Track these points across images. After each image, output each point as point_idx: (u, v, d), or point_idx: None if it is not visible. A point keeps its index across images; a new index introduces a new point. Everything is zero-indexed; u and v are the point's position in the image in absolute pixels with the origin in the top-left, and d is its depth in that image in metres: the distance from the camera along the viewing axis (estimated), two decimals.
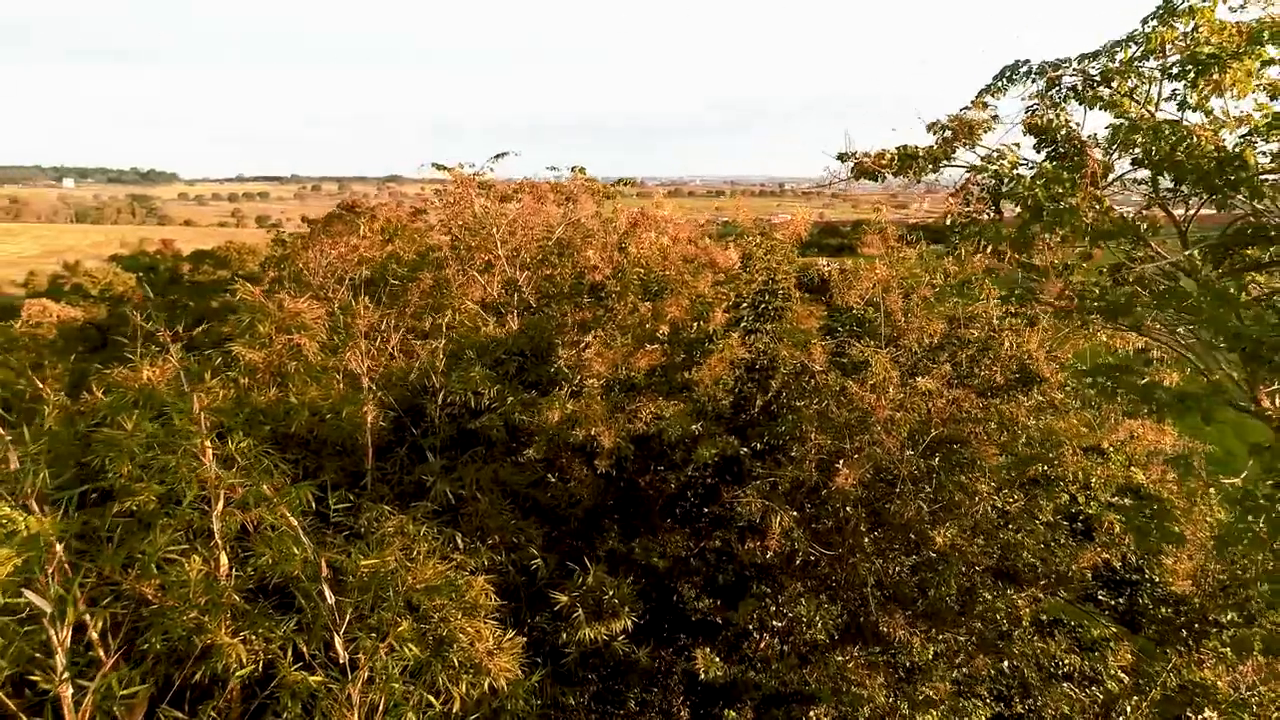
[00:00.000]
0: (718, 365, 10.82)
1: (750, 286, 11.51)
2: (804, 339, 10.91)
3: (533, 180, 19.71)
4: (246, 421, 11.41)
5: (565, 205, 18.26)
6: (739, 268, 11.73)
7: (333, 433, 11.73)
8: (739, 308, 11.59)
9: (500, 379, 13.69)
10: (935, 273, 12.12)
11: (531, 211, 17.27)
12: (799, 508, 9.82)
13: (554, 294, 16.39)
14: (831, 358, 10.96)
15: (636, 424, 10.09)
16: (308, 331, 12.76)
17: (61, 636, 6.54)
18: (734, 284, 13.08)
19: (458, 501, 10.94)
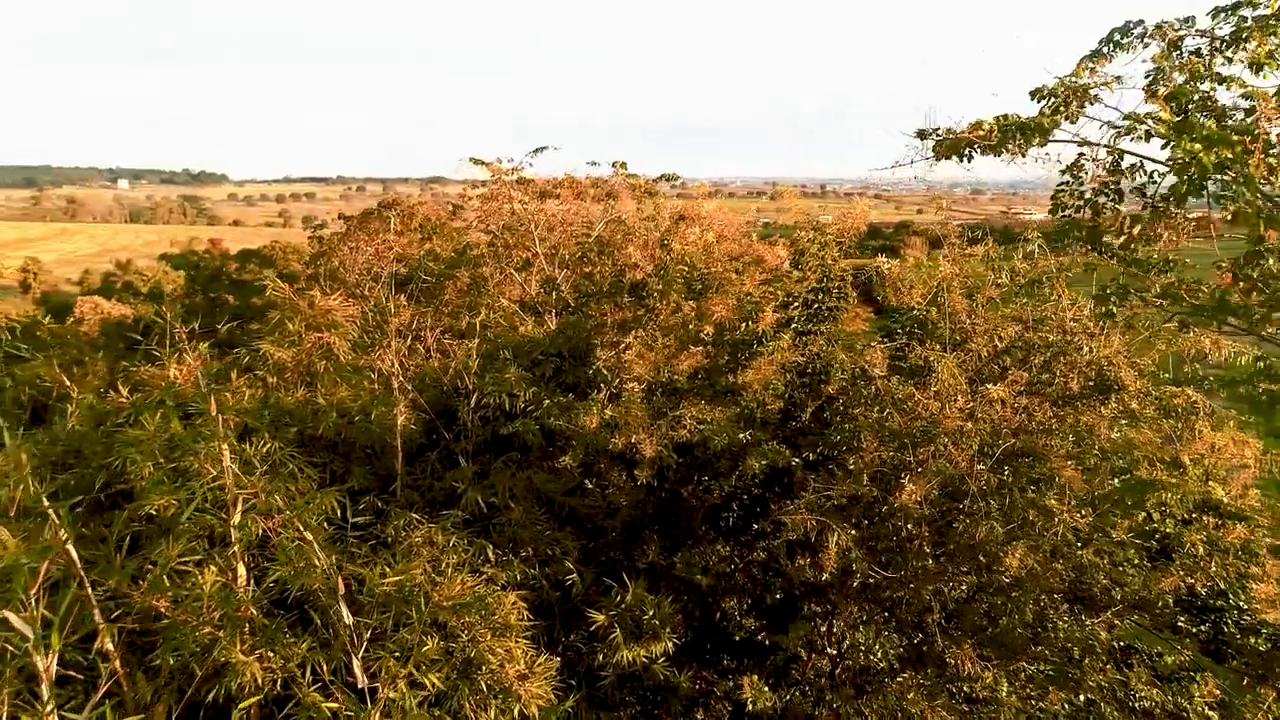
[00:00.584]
0: (767, 369, 10.12)
1: (802, 285, 10.77)
2: (862, 341, 10.16)
3: (573, 176, 19.15)
4: (273, 423, 10.97)
5: (605, 201, 17.65)
6: (789, 265, 11.00)
7: (362, 435, 11.25)
8: (789, 307, 10.86)
9: (536, 381, 13.12)
10: (1001, 271, 11.23)
11: (571, 208, 16.70)
12: (855, 524, 9.06)
13: (593, 293, 15.80)
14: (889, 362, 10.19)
15: (680, 431, 9.42)
16: (338, 330, 12.31)
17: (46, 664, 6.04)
18: (782, 283, 12.34)
19: (489, 510, 10.37)
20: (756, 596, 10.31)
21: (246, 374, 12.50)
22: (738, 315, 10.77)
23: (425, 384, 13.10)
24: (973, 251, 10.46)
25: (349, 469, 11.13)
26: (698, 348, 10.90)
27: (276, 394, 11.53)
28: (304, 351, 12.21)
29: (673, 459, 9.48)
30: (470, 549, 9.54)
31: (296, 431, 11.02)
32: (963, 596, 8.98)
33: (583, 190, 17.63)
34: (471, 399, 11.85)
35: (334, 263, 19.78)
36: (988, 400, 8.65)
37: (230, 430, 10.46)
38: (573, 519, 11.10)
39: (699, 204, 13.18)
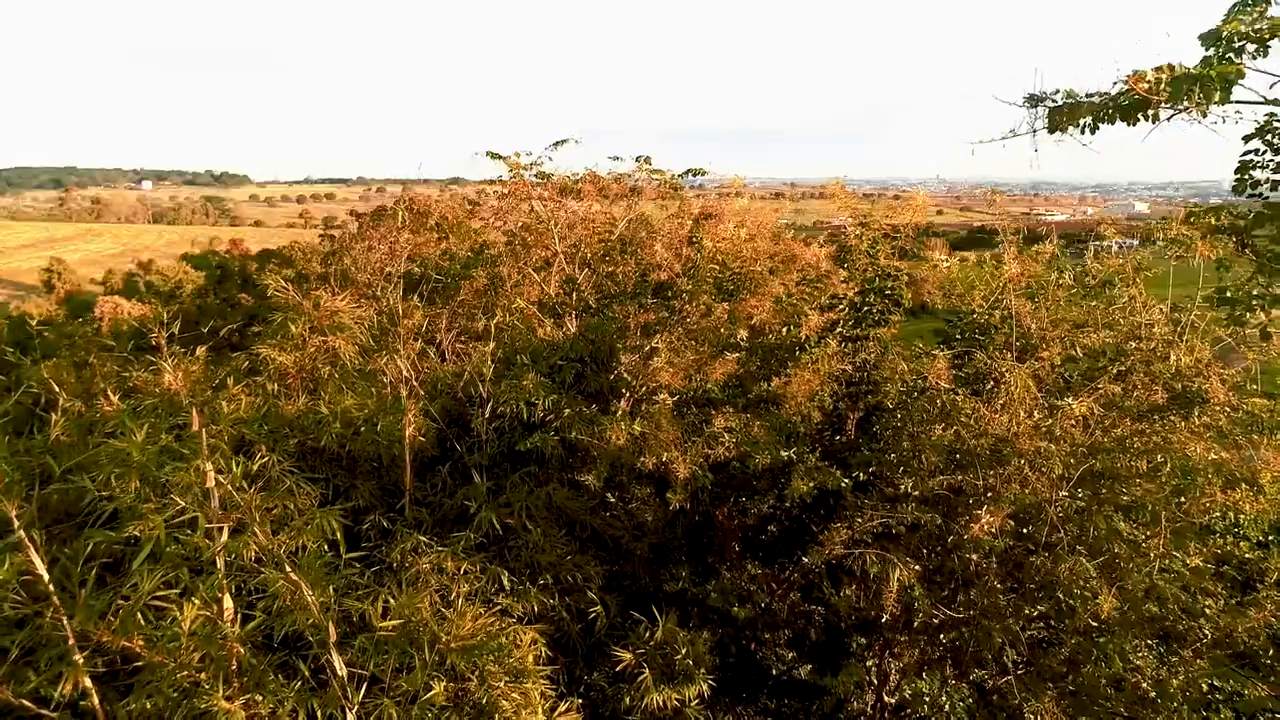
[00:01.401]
0: (812, 378, 9.15)
1: (849, 286, 9.78)
2: (916, 348, 9.17)
3: (594, 172, 18.22)
4: (271, 434, 10.14)
5: (629, 198, 16.71)
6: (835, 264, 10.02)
7: (368, 447, 10.38)
8: (834, 309, 9.87)
9: (556, 388, 12.22)
10: (1065, 271, 10.18)
11: (593, 205, 15.78)
12: (915, 554, 8.08)
13: (617, 293, 14.89)
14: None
15: (717, 449, 8.47)
16: (345, 333, 11.46)
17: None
18: (822, 283, 11.36)
19: (505, 531, 9.46)
20: (799, 630, 9.35)
21: (249, 379, 11.70)
22: (780, 319, 9.80)
23: (437, 390, 12.24)
24: (1041, 250, 9.43)
25: (353, 484, 10.29)
26: (732, 354, 9.95)
27: (277, 402, 10.69)
28: (307, 356, 11.38)
29: (708, 479, 8.53)
30: (483, 576, 8.64)
31: (297, 443, 10.18)
32: (1038, 639, 7.97)
33: (606, 186, 16.69)
34: (486, 408, 10.96)
35: (346, 262, 18.95)
36: (1068, 417, 7.63)
37: (225, 442, 9.64)
38: (595, 540, 10.18)
39: (731, 200, 12.23)
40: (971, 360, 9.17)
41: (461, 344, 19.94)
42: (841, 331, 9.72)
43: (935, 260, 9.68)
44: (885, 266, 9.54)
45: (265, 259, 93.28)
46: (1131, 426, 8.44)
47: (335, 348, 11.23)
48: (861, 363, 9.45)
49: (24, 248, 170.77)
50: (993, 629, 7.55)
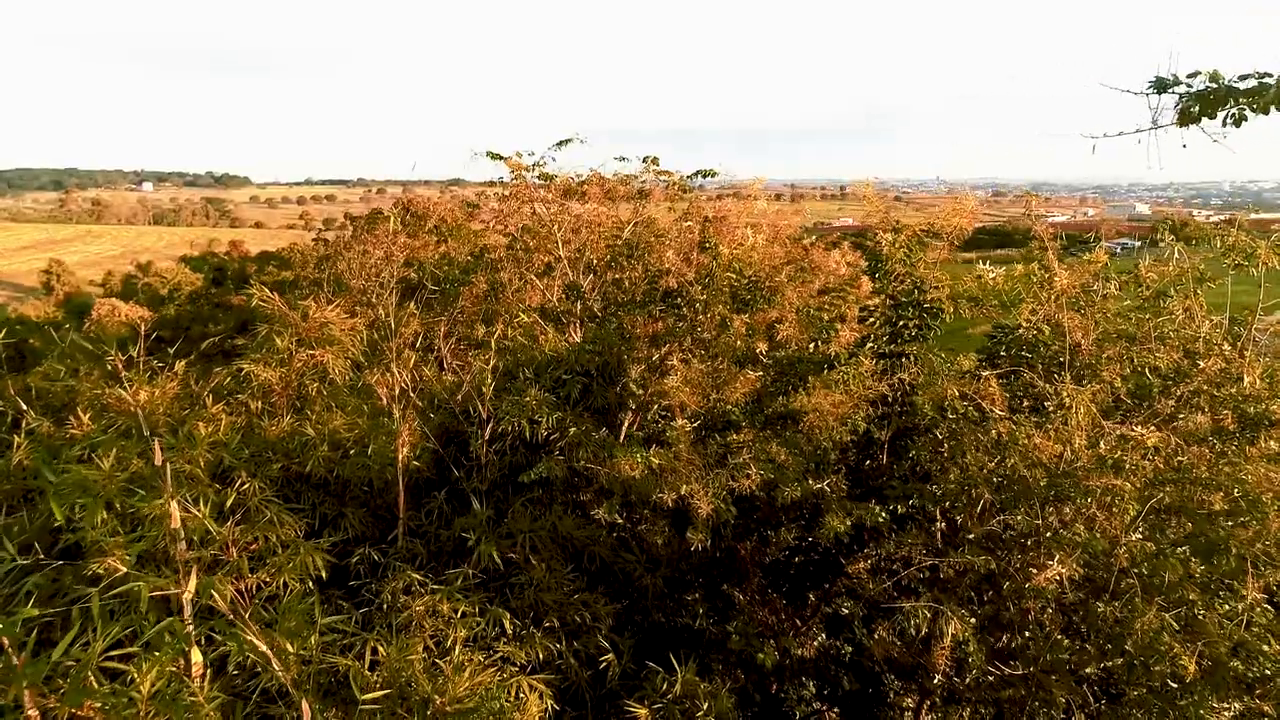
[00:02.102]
0: (844, 399, 8.34)
1: (881, 298, 8.96)
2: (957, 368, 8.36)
3: (599, 173, 17.42)
4: (253, 458, 9.35)
5: (636, 201, 15.92)
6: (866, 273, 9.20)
7: (358, 471, 9.59)
8: (866, 323, 9.05)
9: (560, 403, 11.43)
10: (1110, 279, 9.35)
11: (599, 207, 14.99)
12: (964, 600, 7.27)
13: (624, 301, 14.09)
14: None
15: (742, 482, 7.65)
16: (335, 346, 10.65)
17: None
18: (845, 292, 10.55)
19: (506, 566, 8.66)
20: (830, 675, 8.55)
21: (231, 396, 10.90)
22: (804, 333, 8.99)
23: (433, 406, 11.44)
24: (1095, 259, 8.60)
25: (342, 512, 9.48)
26: (753, 371, 9.15)
27: (260, 422, 9.89)
28: (294, 371, 10.58)
29: (731, 513, 7.74)
30: (483, 619, 7.84)
31: (281, 468, 9.38)
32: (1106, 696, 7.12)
33: (612, 189, 15.90)
34: (486, 429, 10.16)
35: (340, 267, 18.17)
36: (1139, 447, 6.81)
37: (201, 469, 8.84)
38: (604, 573, 9.37)
39: (749, 203, 11.42)
40: (1017, 379, 8.36)
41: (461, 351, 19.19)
42: (875, 347, 8.91)
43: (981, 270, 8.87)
44: (923, 276, 8.73)
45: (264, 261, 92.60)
46: (1201, 455, 7.61)
47: (324, 362, 10.43)
48: (898, 383, 8.61)
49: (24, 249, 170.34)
50: (1055, 687, 6.73)
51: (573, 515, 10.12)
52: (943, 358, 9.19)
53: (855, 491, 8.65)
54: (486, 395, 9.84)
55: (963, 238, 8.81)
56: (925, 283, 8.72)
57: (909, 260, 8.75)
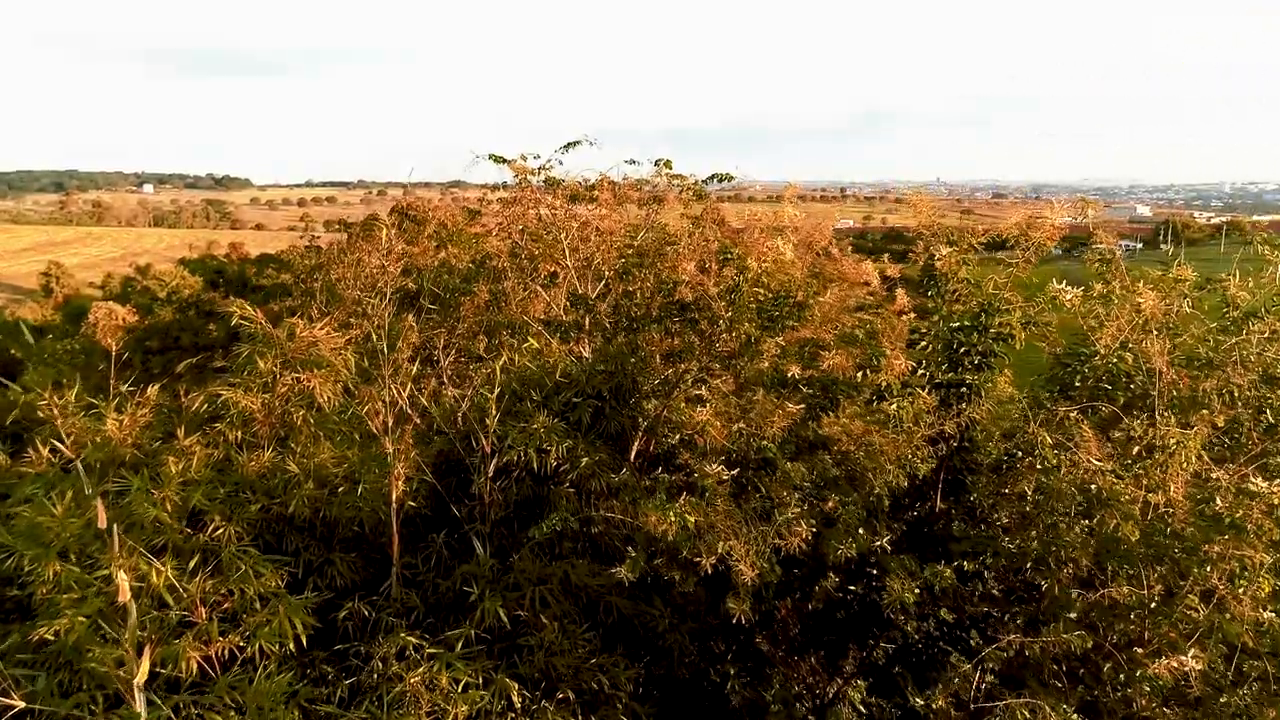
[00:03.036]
0: (899, 438, 7.35)
1: (935, 320, 7.97)
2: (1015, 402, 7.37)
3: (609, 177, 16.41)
4: (230, 496, 8.36)
5: (649, 206, 14.92)
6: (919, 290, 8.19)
7: (347, 511, 8.60)
8: (918, 347, 8.06)
9: (571, 430, 10.45)
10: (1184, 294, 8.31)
11: (610, 214, 14.00)
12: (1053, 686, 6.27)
13: (637, 315, 13.10)
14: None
15: (790, 540, 6.63)
16: (322, 369, 9.65)
17: None
18: (884, 309, 9.57)
19: (513, 624, 7.66)
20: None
21: (210, 423, 9.90)
22: (848, 358, 8.00)
23: (433, 432, 10.45)
24: (1181, 276, 7.59)
25: (329, 558, 8.49)
26: (793, 402, 8.17)
27: (239, 456, 8.90)
28: (278, 397, 9.58)
29: (776, 574, 6.73)
30: (487, 691, 6.85)
31: (260, 509, 8.39)
32: None
33: (624, 194, 14.91)
34: (490, 463, 9.17)
35: (333, 276, 17.15)
36: (1261, 500, 5.80)
37: (169, 513, 7.86)
38: (623, 627, 8.37)
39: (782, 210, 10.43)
40: (1094, 414, 7.35)
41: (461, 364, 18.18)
42: (929, 375, 7.90)
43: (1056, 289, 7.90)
44: (991, 297, 7.72)
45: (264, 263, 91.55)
46: None
47: (311, 388, 9.42)
48: (966, 420, 7.60)
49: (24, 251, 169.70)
50: None
51: (586, 555, 9.14)
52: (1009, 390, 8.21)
53: (907, 535, 7.67)
54: (490, 426, 8.83)
55: (1042, 253, 7.80)
56: (994, 304, 7.71)
57: (974, 278, 7.75)
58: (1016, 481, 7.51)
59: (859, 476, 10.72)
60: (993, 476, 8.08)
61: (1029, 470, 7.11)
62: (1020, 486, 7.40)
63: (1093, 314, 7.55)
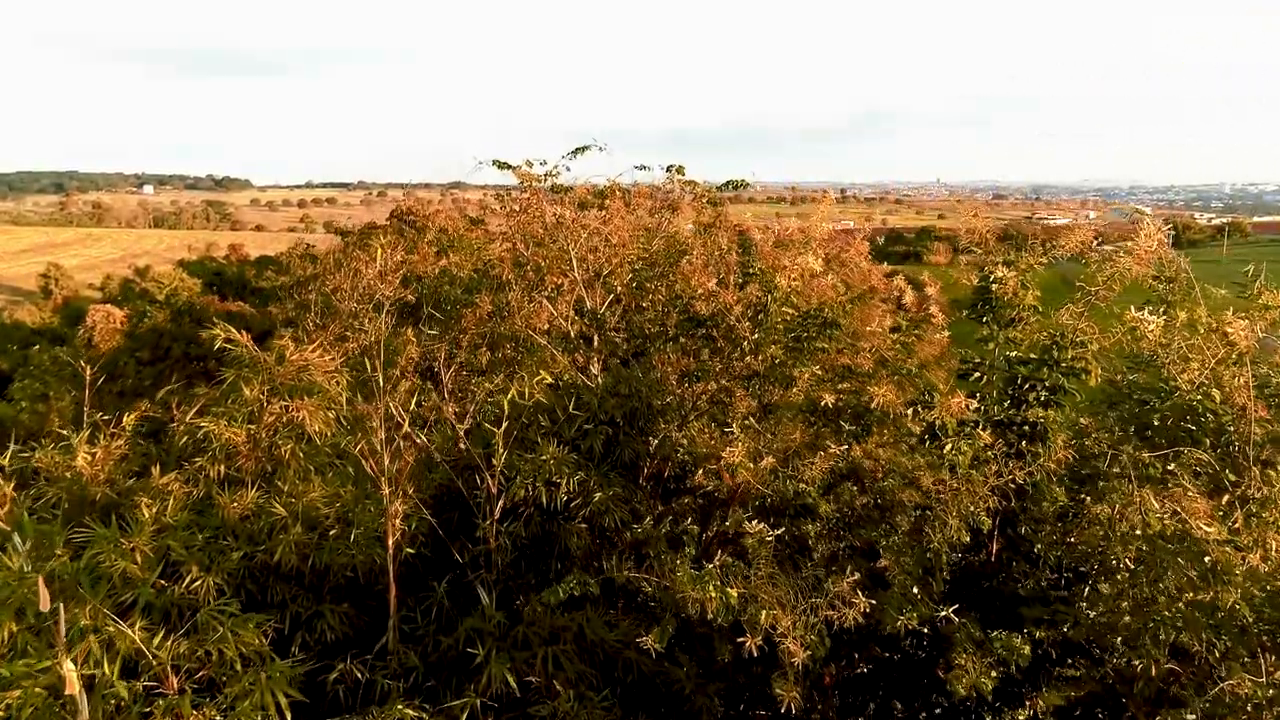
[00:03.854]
0: (961, 488, 6.54)
1: (991, 348, 7.15)
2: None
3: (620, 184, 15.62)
4: (209, 543, 7.56)
5: (661, 214, 14.15)
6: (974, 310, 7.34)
7: (339, 558, 7.80)
8: (972, 378, 7.26)
9: (583, 460, 9.67)
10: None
11: (621, 223, 13.22)
12: None
13: (652, 332, 12.32)
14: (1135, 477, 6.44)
15: (845, 614, 5.81)
16: (314, 396, 8.85)
17: None
18: (921, 329, 8.79)
19: (523, 689, 6.87)
20: None
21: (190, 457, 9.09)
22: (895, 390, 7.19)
23: (434, 464, 9.66)
24: (1272, 301, 6.77)
25: (318, 610, 7.69)
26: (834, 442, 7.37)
27: (220, 495, 8.09)
28: (264, 428, 8.78)
29: (825, 647, 5.94)
30: None
31: (243, 556, 7.59)
32: None
33: (637, 201, 14.15)
34: (496, 504, 8.38)
35: (328, 287, 16.38)
36: None
37: (140, 565, 7.07)
38: (645, 687, 7.58)
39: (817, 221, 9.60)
40: (1176, 458, 6.56)
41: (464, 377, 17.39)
42: (988, 410, 7.08)
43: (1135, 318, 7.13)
44: (1064, 327, 6.90)
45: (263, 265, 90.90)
46: None
47: (301, 418, 8.62)
48: (1036, 469, 6.76)
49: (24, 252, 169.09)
50: None
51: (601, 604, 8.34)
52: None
53: (958, 584, 6.88)
54: (497, 466, 8.04)
55: (1124, 282, 6.97)
56: (1066, 334, 6.91)
57: (1040, 310, 6.94)
58: (1082, 530, 6.74)
59: (890, 507, 9.95)
60: (1057, 525, 7.30)
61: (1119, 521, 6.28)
62: (1086, 535, 6.62)
63: (1171, 344, 6.75)
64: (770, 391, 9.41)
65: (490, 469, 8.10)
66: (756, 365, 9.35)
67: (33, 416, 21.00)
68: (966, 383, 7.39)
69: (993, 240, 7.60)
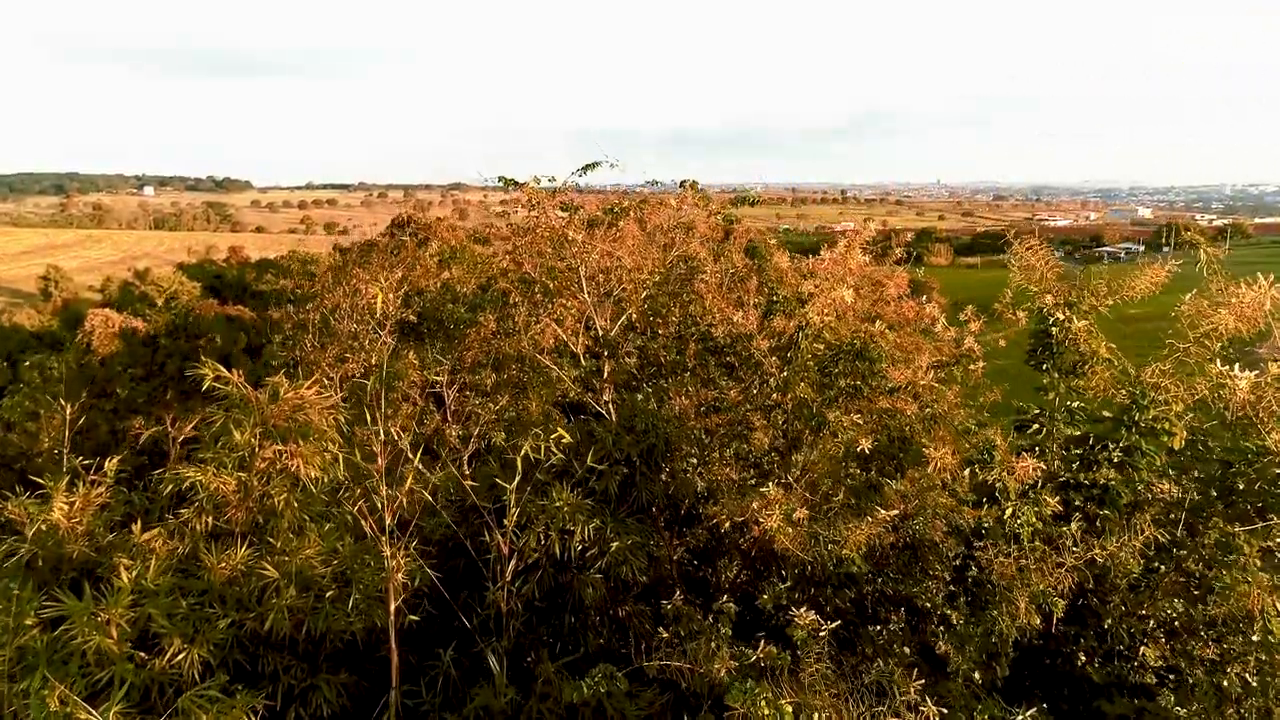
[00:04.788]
0: (1035, 575, 5.86)
1: (1051, 398, 6.47)
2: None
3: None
4: (192, 611, 6.90)
5: (676, 233, 13.49)
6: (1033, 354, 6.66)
7: (335, 623, 7.15)
8: (1028, 432, 6.60)
9: (598, 506, 9.04)
10: None
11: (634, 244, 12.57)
12: None
13: (667, 361, 11.67)
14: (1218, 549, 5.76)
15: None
16: (309, 441, 8.20)
17: None
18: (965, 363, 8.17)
19: None
20: None
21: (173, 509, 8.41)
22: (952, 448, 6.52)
23: (435, 511, 9.01)
24: None
25: (313, 683, 7.05)
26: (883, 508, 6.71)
27: (207, 552, 7.43)
28: (256, 474, 8.12)
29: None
30: None
31: (231, 624, 6.94)
32: None
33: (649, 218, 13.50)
34: (509, 565, 7.73)
35: (327, 304, 15.75)
36: None
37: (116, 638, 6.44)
38: None
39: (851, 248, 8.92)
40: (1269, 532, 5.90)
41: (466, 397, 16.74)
42: (1051, 467, 6.41)
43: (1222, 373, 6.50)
44: (1146, 387, 6.19)
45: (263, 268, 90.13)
46: None
47: (295, 465, 7.97)
48: (1118, 545, 6.08)
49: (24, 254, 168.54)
50: None
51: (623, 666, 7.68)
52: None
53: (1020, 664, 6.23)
54: (509, 525, 7.40)
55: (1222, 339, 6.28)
56: (1147, 392, 6.25)
57: (1118, 362, 6.27)
58: (1155, 602, 6.10)
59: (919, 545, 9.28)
60: (1129, 595, 6.65)
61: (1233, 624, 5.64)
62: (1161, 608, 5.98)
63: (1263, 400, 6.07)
64: (800, 433, 8.76)
65: (501, 528, 7.45)
66: (785, 403, 8.70)
67: (23, 436, 20.32)
68: (1024, 435, 6.74)
69: (1052, 278, 6.95)
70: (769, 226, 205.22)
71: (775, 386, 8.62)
